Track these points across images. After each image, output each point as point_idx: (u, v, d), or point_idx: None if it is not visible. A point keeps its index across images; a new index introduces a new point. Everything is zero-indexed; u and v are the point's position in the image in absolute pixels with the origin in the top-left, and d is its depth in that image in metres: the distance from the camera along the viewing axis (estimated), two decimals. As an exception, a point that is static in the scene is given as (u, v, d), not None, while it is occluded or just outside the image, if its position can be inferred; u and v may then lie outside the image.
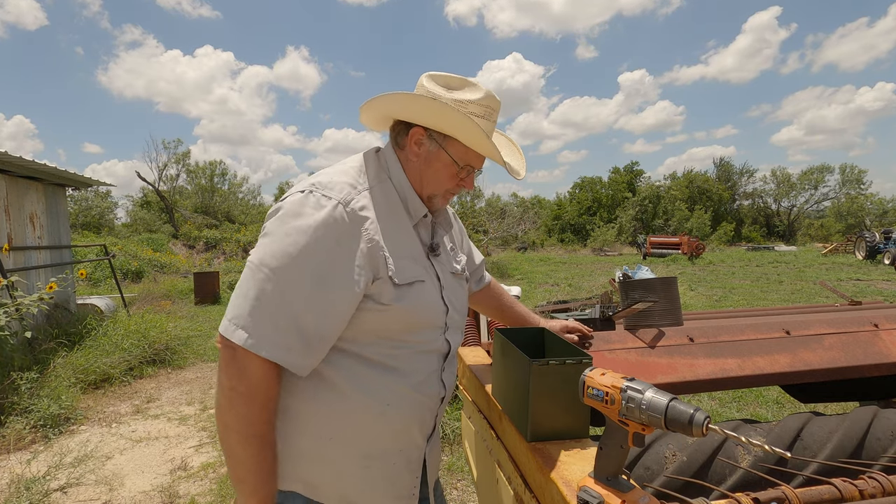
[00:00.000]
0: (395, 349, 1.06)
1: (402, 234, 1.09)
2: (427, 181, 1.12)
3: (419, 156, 1.10)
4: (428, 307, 1.09)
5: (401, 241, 1.07)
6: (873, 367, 1.47)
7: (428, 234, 1.17)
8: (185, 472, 3.39)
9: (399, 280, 1.03)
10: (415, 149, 1.10)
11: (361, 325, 1.02)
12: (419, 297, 1.07)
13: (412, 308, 1.05)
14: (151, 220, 28.35)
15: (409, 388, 1.08)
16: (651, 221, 42.45)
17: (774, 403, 4.35)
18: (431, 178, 1.12)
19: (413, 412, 1.10)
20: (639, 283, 1.61)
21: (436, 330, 1.12)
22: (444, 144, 1.09)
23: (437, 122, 1.07)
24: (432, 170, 1.11)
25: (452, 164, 1.10)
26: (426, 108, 1.05)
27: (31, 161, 5.72)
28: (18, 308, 4.47)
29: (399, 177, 1.12)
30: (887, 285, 12.24)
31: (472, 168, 1.13)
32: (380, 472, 1.09)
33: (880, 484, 0.88)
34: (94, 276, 13.21)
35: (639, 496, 0.78)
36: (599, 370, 0.86)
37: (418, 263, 1.10)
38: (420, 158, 1.11)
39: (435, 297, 1.12)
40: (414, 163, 1.12)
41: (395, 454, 1.11)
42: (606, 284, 11.68)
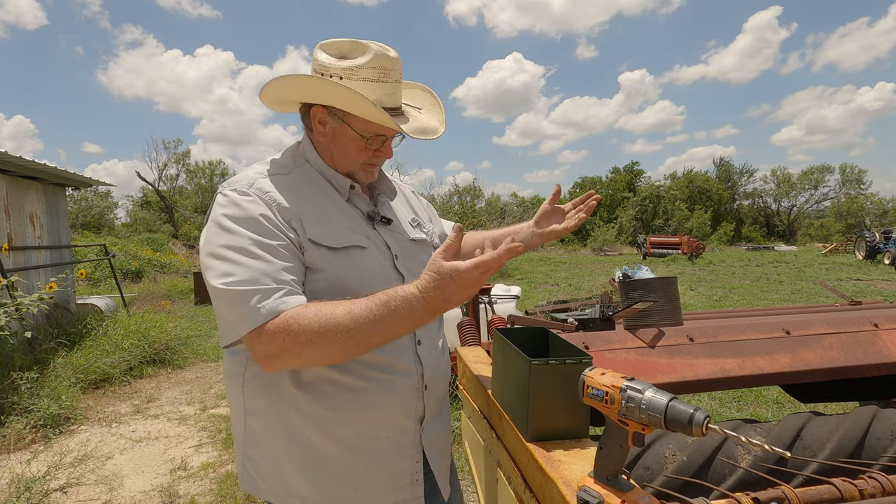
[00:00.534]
0: None
1: (330, 209, 1.07)
2: (338, 157, 1.11)
3: (325, 135, 1.10)
4: (370, 273, 1.05)
5: (329, 214, 1.06)
6: (873, 367, 1.47)
7: (368, 205, 1.16)
8: (185, 471, 3.39)
9: (328, 243, 1.01)
10: (320, 128, 1.09)
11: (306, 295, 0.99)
12: (359, 263, 1.04)
13: (349, 272, 1.02)
14: (151, 220, 28.38)
15: (375, 370, 1.04)
16: (651, 221, 42.46)
17: (774, 403, 4.35)
18: (340, 153, 1.10)
19: (388, 395, 1.06)
20: (639, 283, 1.61)
21: None
22: (346, 119, 1.07)
23: (328, 99, 1.05)
24: (339, 146, 1.09)
25: (359, 138, 1.08)
26: (314, 88, 1.04)
27: (31, 161, 5.72)
28: (18, 308, 4.47)
29: (314, 158, 1.12)
30: (887, 285, 12.24)
31: (384, 136, 1.10)
32: (369, 464, 1.05)
33: (880, 484, 0.88)
34: (94, 276, 13.22)
35: (639, 496, 0.78)
36: (599, 370, 0.86)
37: (357, 232, 1.08)
38: (327, 137, 1.10)
39: (380, 264, 1.08)
40: (322, 142, 1.11)
41: (382, 442, 1.07)
42: (606, 284, 11.69)
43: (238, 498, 2.99)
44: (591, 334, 1.48)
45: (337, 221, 1.06)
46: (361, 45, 1.05)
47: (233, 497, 3.00)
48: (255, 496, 1.08)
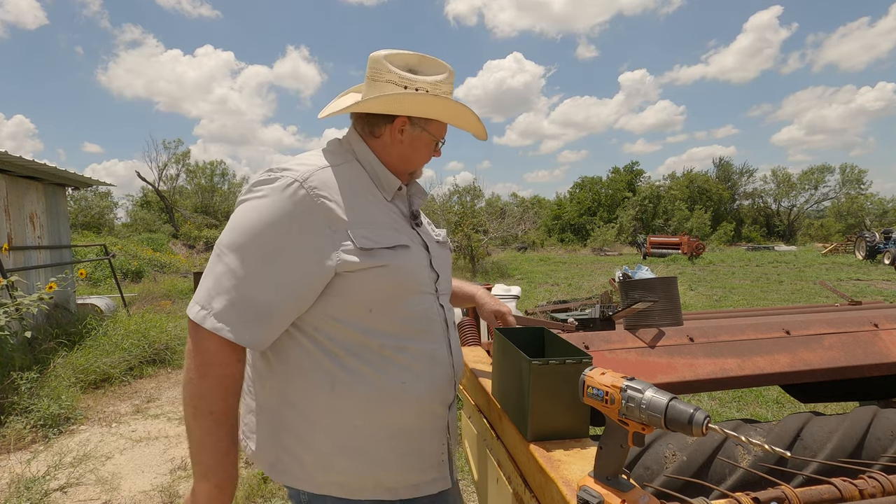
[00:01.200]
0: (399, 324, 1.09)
1: (376, 207, 1.12)
2: (413, 160, 1.20)
3: (402, 141, 1.16)
4: (415, 271, 1.12)
5: (375, 212, 1.11)
6: (873, 367, 1.47)
7: (406, 206, 1.22)
8: (185, 471, 3.39)
9: (378, 244, 1.05)
10: (397, 136, 1.16)
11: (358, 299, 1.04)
12: (406, 260, 1.09)
13: (397, 270, 1.07)
14: (151, 220, 28.35)
15: (421, 360, 1.11)
16: (651, 221, 42.46)
17: (774, 403, 4.35)
18: (413, 156, 1.19)
19: (431, 383, 1.13)
20: (639, 283, 1.61)
21: (429, 296, 1.15)
22: (427, 126, 1.16)
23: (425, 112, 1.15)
24: (415, 150, 1.18)
25: (432, 141, 1.19)
26: (416, 104, 1.13)
27: (31, 161, 5.72)
28: (18, 308, 4.47)
29: (366, 156, 1.16)
30: (887, 285, 12.24)
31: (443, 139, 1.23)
32: (409, 447, 1.11)
33: (880, 484, 0.88)
34: (93, 275, 13.22)
35: (639, 496, 0.78)
36: (599, 369, 0.86)
37: (401, 233, 1.13)
38: (404, 144, 1.17)
39: (422, 263, 1.15)
40: (397, 148, 1.17)
41: (420, 428, 1.13)
42: (606, 284, 11.68)
43: (238, 498, 2.99)
44: (591, 334, 1.48)
45: (383, 222, 1.11)
46: (427, 59, 1.17)
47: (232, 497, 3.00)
48: (291, 485, 1.11)
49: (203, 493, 1.03)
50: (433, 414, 1.15)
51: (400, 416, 1.09)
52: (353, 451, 1.06)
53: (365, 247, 1.03)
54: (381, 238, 1.07)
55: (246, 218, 1.00)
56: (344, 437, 1.06)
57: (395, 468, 1.10)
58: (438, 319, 1.16)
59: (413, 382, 1.09)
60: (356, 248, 1.02)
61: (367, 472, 1.08)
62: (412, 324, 1.10)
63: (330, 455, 1.06)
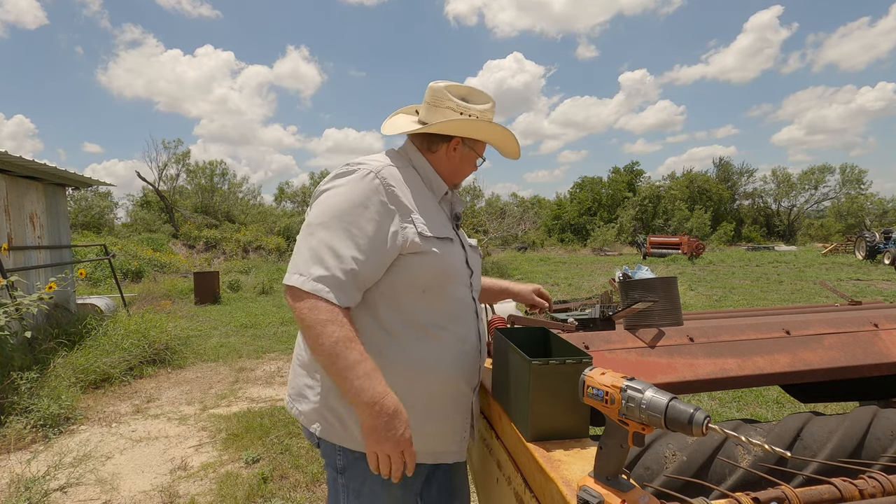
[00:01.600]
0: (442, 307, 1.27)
1: (428, 204, 1.32)
2: (460, 174, 1.43)
3: (454, 158, 1.39)
4: (457, 262, 1.32)
5: (428, 208, 1.31)
6: (873, 367, 1.47)
7: (450, 210, 1.43)
8: (185, 472, 3.39)
9: (432, 233, 1.25)
10: (451, 153, 1.39)
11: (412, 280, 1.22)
12: (451, 252, 1.30)
13: (445, 257, 1.26)
14: (151, 220, 28.32)
15: (455, 342, 1.29)
16: (651, 221, 42.46)
17: (774, 403, 4.35)
18: (462, 171, 1.43)
19: (461, 363, 1.30)
20: (639, 283, 1.61)
21: (465, 287, 1.35)
22: (474, 147, 1.41)
23: (476, 135, 1.38)
24: (464, 165, 1.42)
25: (476, 157, 1.43)
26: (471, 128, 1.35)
27: (31, 161, 5.72)
28: (18, 308, 4.47)
29: (421, 163, 1.38)
30: (887, 285, 12.24)
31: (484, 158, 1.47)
32: (438, 418, 1.28)
33: (880, 484, 0.88)
34: (93, 275, 13.22)
35: (639, 496, 0.78)
36: (599, 370, 0.86)
37: (447, 228, 1.34)
38: (455, 160, 1.40)
39: (462, 257, 1.36)
40: (449, 163, 1.40)
41: (448, 402, 1.30)
42: (606, 284, 11.68)
43: (238, 498, 2.99)
44: (591, 334, 1.48)
45: (434, 216, 1.32)
46: (476, 90, 1.40)
47: (233, 497, 3.00)
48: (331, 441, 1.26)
49: (365, 415, 1.12)
50: (460, 392, 1.31)
51: (433, 387, 1.26)
52: None
53: (423, 233, 1.23)
54: (435, 228, 1.28)
55: (332, 200, 1.21)
56: None
57: (424, 434, 1.24)
58: (471, 309, 1.35)
59: (447, 359, 1.27)
60: (417, 233, 1.22)
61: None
62: (452, 309, 1.29)
63: None
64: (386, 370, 1.17)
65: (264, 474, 3.23)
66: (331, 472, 1.31)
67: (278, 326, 8.48)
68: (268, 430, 3.94)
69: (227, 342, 7.26)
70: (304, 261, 1.16)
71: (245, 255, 23.38)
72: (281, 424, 4.05)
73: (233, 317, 9.35)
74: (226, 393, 5.02)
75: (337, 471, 1.29)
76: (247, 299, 11.96)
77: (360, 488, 1.27)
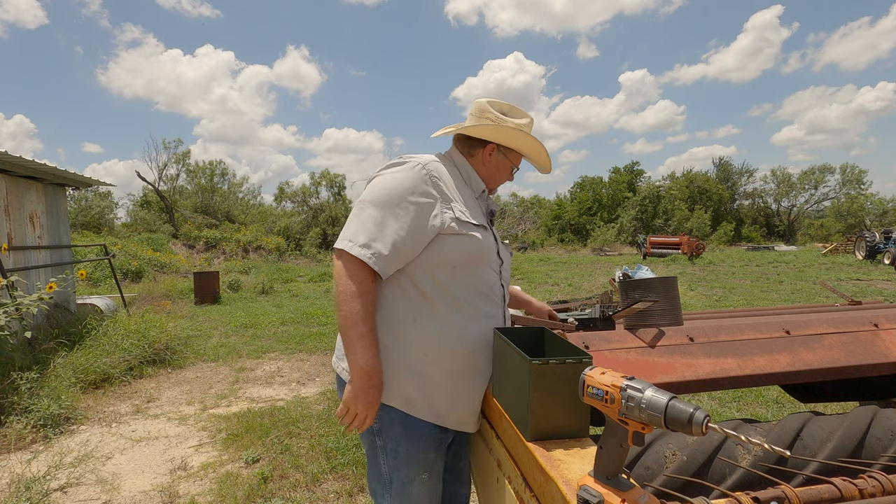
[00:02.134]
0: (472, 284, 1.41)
1: (469, 196, 1.49)
2: (495, 179, 1.59)
3: (490, 163, 1.55)
4: (490, 248, 1.47)
5: (469, 199, 1.48)
6: (873, 367, 1.47)
7: (486, 207, 1.58)
8: (185, 472, 3.39)
9: (471, 219, 1.42)
10: (487, 158, 1.55)
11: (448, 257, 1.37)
12: (485, 237, 1.44)
13: (479, 242, 1.41)
14: (151, 220, 28.32)
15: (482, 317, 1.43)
16: (651, 221, 42.44)
17: (774, 403, 4.35)
18: (498, 177, 1.59)
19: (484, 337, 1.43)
20: (639, 283, 1.61)
21: (495, 273, 1.49)
22: (508, 155, 1.56)
23: (510, 143, 1.53)
24: (498, 171, 1.57)
25: (511, 166, 1.59)
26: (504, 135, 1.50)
27: (31, 161, 5.72)
28: (18, 308, 4.47)
29: (462, 163, 1.55)
30: (887, 285, 12.24)
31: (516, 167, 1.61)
32: (461, 386, 1.41)
33: (880, 483, 0.88)
34: (94, 275, 13.22)
35: (639, 495, 0.78)
36: (599, 369, 0.86)
37: (482, 218, 1.50)
38: (490, 166, 1.56)
39: (493, 247, 1.49)
40: (486, 168, 1.56)
41: (469, 373, 1.41)
42: (606, 284, 11.67)
43: (238, 498, 2.99)
44: (591, 334, 1.48)
45: (472, 207, 1.48)
46: (516, 108, 1.56)
47: (233, 497, 3.00)
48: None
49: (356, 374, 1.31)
50: (480, 365, 1.43)
51: (460, 355, 1.39)
52: (420, 374, 1.37)
53: (461, 219, 1.39)
54: (472, 216, 1.44)
55: (383, 184, 1.37)
56: (415, 361, 1.37)
57: (448, 399, 1.39)
58: (499, 292, 1.51)
59: (474, 330, 1.41)
60: (455, 218, 1.38)
61: (427, 395, 1.38)
62: (481, 287, 1.44)
63: (403, 373, 1.37)
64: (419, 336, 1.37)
65: (264, 474, 3.23)
66: (368, 435, 1.44)
67: (278, 326, 8.48)
68: (268, 430, 3.94)
69: (227, 342, 7.25)
70: (353, 231, 1.34)
71: (245, 255, 23.38)
72: (281, 424, 4.05)
73: (233, 317, 9.35)
74: (226, 393, 5.02)
75: (374, 433, 1.42)
76: (247, 299, 11.95)
77: (396, 448, 1.41)
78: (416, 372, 1.37)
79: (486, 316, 1.45)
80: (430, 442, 1.41)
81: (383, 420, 1.39)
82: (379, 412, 1.38)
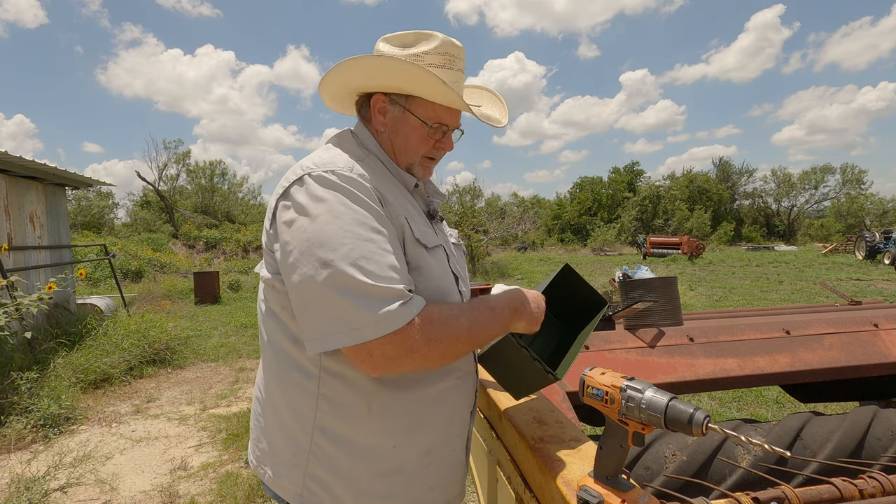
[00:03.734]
0: None
1: (406, 201, 1.02)
2: (399, 149, 1.06)
3: (386, 125, 1.05)
4: (445, 273, 1.03)
5: (408, 207, 1.01)
6: (873, 367, 1.47)
7: (423, 203, 1.13)
8: (185, 471, 3.39)
9: (426, 243, 0.98)
10: (380, 118, 1.04)
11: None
12: (440, 263, 1.02)
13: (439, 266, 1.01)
14: (151, 220, 28.32)
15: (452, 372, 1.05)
16: (651, 221, 42.46)
17: (774, 403, 4.35)
18: (402, 144, 1.05)
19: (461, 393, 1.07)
20: (639, 283, 1.61)
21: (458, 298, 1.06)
22: (409, 106, 1.02)
23: (393, 83, 1.00)
24: (401, 136, 1.05)
25: (421, 126, 1.03)
26: (378, 70, 0.98)
27: (31, 161, 5.72)
28: (18, 308, 4.47)
29: (378, 150, 1.06)
30: (887, 285, 12.24)
31: (446, 126, 1.05)
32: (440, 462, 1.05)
33: (880, 483, 0.87)
34: (94, 275, 13.22)
35: (639, 495, 0.78)
36: (599, 369, 0.86)
37: (430, 232, 1.04)
38: (388, 127, 1.05)
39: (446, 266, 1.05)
40: (383, 133, 1.06)
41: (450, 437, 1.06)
42: (606, 284, 11.68)
43: (238, 498, 2.99)
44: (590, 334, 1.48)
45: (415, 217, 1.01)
46: (426, 34, 1.02)
47: (233, 497, 3.00)
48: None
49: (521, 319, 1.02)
50: (462, 422, 1.09)
51: (435, 428, 1.03)
52: (389, 473, 0.98)
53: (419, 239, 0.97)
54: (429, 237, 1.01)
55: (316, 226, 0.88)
56: (380, 460, 0.98)
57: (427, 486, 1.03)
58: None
59: (449, 391, 1.04)
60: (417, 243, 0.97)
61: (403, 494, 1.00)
62: None
63: (365, 481, 0.97)
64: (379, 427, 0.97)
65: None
66: None
67: (278, 326, 8.47)
68: (268, 430, 3.94)
69: (227, 342, 7.25)
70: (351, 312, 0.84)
71: (245, 255, 23.37)
72: (281, 424, 4.05)
73: (233, 317, 9.35)
74: (226, 393, 5.02)
75: None
76: (247, 299, 11.95)
77: None
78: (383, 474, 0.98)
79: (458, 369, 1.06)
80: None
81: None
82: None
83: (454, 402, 1.05)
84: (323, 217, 0.88)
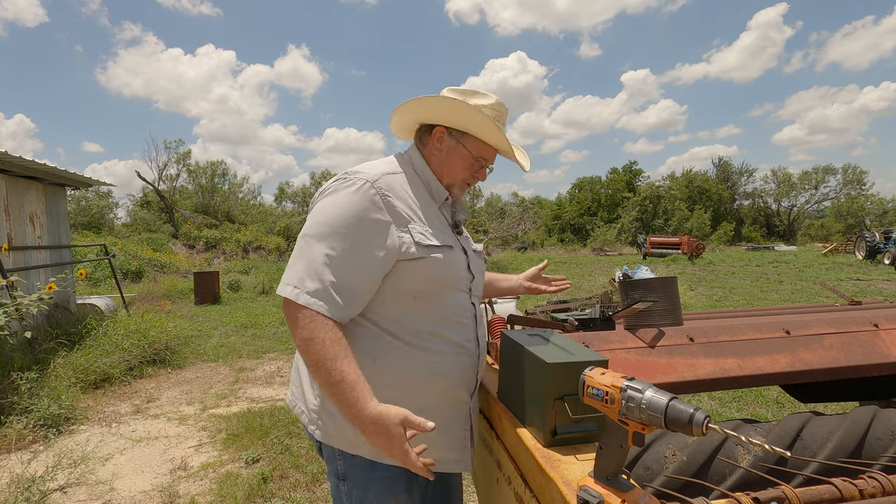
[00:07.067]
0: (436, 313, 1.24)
1: (428, 210, 1.30)
2: (447, 171, 1.36)
3: (441, 150, 1.34)
4: (456, 267, 1.29)
5: (429, 215, 1.29)
6: (873, 367, 1.47)
7: (450, 216, 1.40)
8: (185, 472, 3.39)
9: (429, 241, 1.23)
10: (437, 144, 1.34)
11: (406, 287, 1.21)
12: (449, 259, 1.27)
13: (442, 265, 1.24)
14: (151, 220, 28.31)
15: (451, 347, 1.26)
16: (651, 221, 42.46)
17: (774, 403, 4.35)
18: (450, 168, 1.35)
19: (458, 368, 1.27)
20: (639, 283, 1.61)
21: (464, 294, 1.31)
22: (462, 140, 1.33)
23: (457, 121, 1.31)
24: (451, 161, 1.35)
25: (469, 156, 1.34)
26: (451, 110, 1.29)
27: (31, 161, 5.72)
28: (18, 308, 4.47)
29: (421, 167, 1.35)
30: (887, 285, 12.24)
31: (485, 161, 1.37)
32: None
33: (880, 484, 0.87)
34: (94, 275, 13.22)
35: (639, 496, 0.78)
36: (599, 369, 0.86)
37: (447, 235, 1.31)
38: (442, 153, 1.35)
39: (462, 263, 1.32)
40: (436, 156, 1.35)
41: (445, 408, 1.27)
42: (606, 284, 11.67)
43: (238, 498, 2.99)
44: (591, 334, 1.48)
45: (433, 223, 1.29)
46: (483, 92, 1.35)
47: (233, 497, 3.00)
48: (329, 444, 1.25)
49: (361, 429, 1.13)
50: (457, 398, 1.29)
51: (429, 392, 1.24)
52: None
53: (421, 242, 1.21)
54: (433, 236, 1.25)
55: (326, 212, 1.18)
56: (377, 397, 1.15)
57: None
58: (469, 314, 1.32)
59: (443, 364, 1.24)
60: (414, 242, 1.20)
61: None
62: (448, 314, 1.26)
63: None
64: (380, 376, 1.17)
65: (264, 474, 3.23)
66: (333, 479, 1.28)
67: (278, 326, 8.48)
68: (268, 430, 3.94)
69: (227, 342, 7.26)
70: (298, 273, 1.14)
71: (245, 255, 23.38)
72: (281, 424, 4.05)
73: (233, 317, 9.35)
74: (226, 393, 5.02)
75: (339, 477, 1.27)
76: (247, 299, 11.96)
77: (363, 495, 1.24)
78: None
79: (456, 346, 1.28)
80: (400, 483, 1.24)
81: (348, 463, 1.24)
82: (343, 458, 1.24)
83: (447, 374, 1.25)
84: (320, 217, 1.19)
